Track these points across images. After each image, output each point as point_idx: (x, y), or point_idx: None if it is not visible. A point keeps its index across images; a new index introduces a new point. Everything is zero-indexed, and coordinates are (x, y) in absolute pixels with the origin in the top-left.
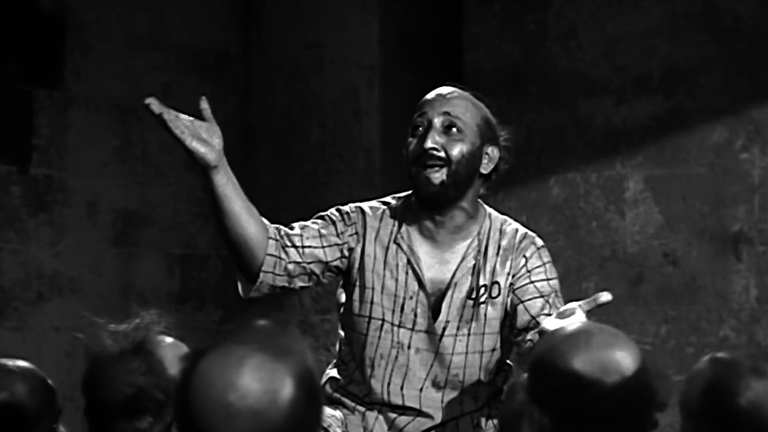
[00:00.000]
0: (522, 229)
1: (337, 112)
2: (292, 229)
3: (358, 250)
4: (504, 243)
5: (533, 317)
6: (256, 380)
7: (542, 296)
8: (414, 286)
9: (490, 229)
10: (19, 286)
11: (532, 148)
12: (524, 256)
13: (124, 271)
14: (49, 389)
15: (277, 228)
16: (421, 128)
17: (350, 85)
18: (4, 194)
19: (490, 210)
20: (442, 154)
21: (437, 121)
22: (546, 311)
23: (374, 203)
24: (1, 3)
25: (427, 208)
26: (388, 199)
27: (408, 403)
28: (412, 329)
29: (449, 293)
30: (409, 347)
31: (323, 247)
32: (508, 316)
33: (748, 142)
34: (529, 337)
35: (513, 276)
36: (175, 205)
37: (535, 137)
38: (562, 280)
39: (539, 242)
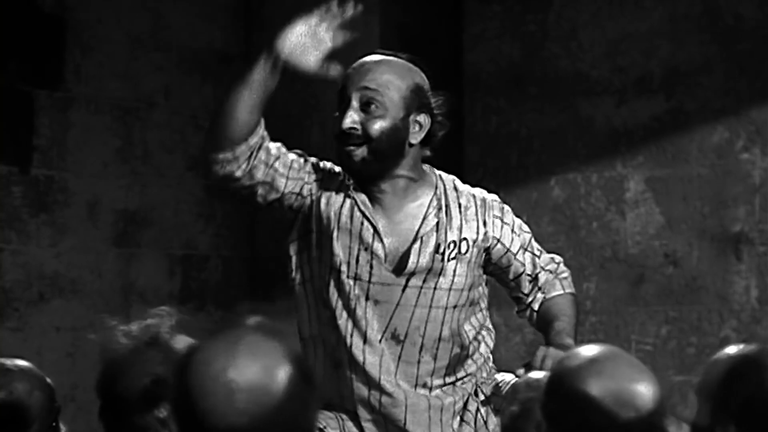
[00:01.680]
0: (476, 190)
1: None
2: (269, 150)
3: (315, 197)
4: (463, 201)
5: (530, 274)
6: (254, 357)
7: (527, 250)
8: (368, 236)
9: (445, 189)
10: (19, 287)
11: (533, 148)
12: (496, 216)
13: (125, 271)
14: (47, 387)
15: (263, 138)
16: (342, 105)
17: None
18: (5, 195)
19: (439, 172)
20: (359, 132)
21: (355, 98)
22: (537, 261)
23: (328, 165)
24: (1, 3)
25: (357, 181)
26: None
27: (369, 368)
28: (369, 281)
29: (415, 246)
30: (367, 299)
31: (287, 177)
32: (506, 283)
33: (748, 143)
34: (536, 306)
35: (495, 239)
36: (176, 205)
37: (536, 138)
38: None
39: (495, 197)
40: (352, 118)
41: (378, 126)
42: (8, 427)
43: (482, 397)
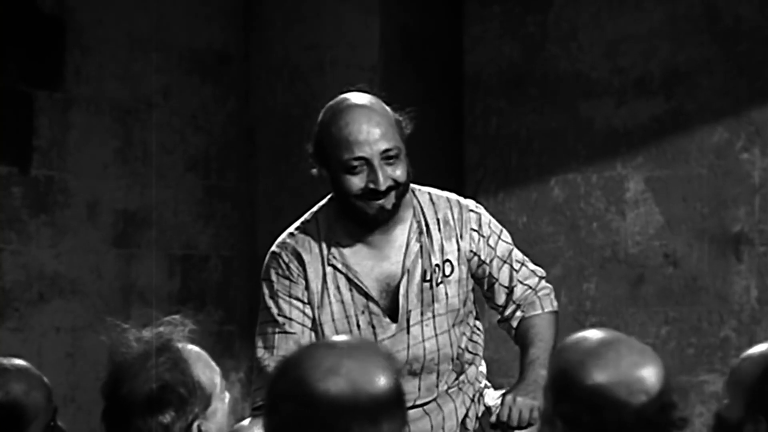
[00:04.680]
0: (452, 198)
1: None
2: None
3: (308, 295)
4: (441, 215)
5: (506, 287)
6: (367, 356)
7: (505, 262)
8: (361, 300)
9: (422, 208)
10: (19, 287)
11: (533, 149)
12: (472, 230)
13: (125, 272)
14: (44, 387)
15: None
16: (358, 167)
17: (351, 86)
18: (5, 195)
19: (412, 186)
20: (391, 183)
21: (377, 160)
22: (515, 275)
23: (296, 233)
24: (1, 4)
25: (372, 227)
26: (306, 217)
27: None
28: (376, 341)
29: (403, 281)
30: None
31: (312, 332)
32: (483, 292)
33: (748, 143)
34: (514, 324)
35: (472, 252)
36: (176, 206)
37: (536, 138)
38: (563, 281)
39: (472, 205)
40: (385, 175)
41: (401, 170)
42: (5, 427)
43: (482, 407)
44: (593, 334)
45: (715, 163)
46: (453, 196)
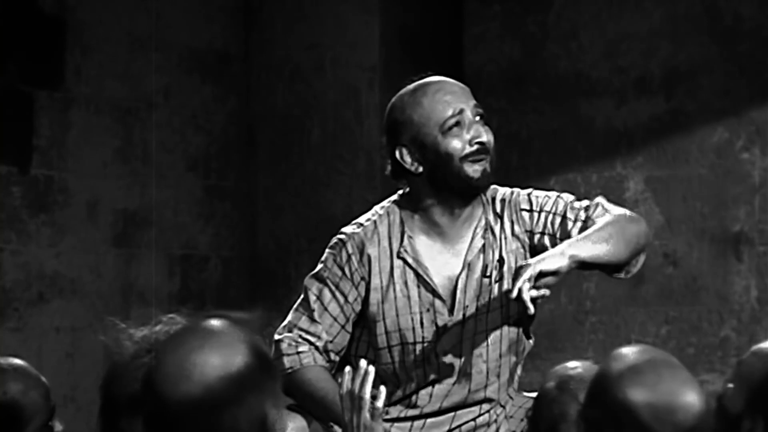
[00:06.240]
0: (507, 191)
1: (337, 113)
2: (319, 338)
3: (364, 291)
4: (497, 208)
5: (570, 218)
6: (217, 339)
7: (564, 204)
8: (428, 297)
9: (487, 205)
10: (19, 287)
11: (533, 148)
12: (522, 210)
13: (125, 272)
14: (41, 386)
15: (326, 356)
16: (455, 128)
17: (351, 86)
18: (5, 195)
19: None
20: (489, 145)
21: (471, 114)
22: (575, 204)
23: (366, 223)
24: (1, 4)
25: (464, 202)
26: (377, 209)
27: (434, 403)
28: (437, 340)
29: (462, 275)
30: (436, 356)
31: (342, 328)
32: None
33: (748, 143)
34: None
35: (528, 231)
36: (176, 205)
37: (536, 138)
38: (563, 281)
39: (521, 191)
40: (484, 131)
41: (491, 136)
42: (3, 426)
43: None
44: (645, 351)
45: (715, 163)
46: (507, 189)
